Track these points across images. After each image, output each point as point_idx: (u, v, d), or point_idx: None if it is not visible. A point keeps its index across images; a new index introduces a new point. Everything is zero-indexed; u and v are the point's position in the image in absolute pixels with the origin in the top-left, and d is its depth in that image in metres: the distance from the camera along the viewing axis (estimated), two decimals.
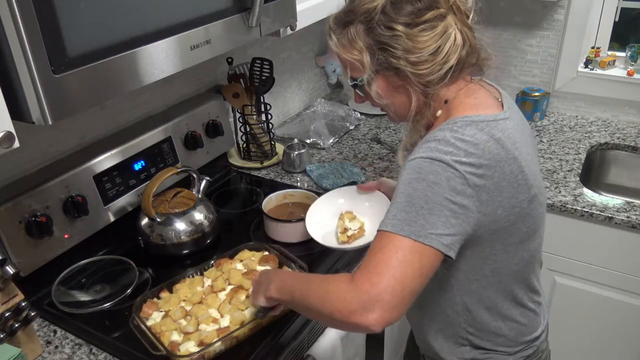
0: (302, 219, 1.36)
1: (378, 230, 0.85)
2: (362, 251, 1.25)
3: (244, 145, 1.82)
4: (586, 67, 2.07)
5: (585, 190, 1.65)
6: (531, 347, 1.06)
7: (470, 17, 0.93)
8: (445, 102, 0.94)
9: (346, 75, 0.99)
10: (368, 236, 1.26)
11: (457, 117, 0.89)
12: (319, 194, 1.48)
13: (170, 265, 1.35)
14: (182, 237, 1.35)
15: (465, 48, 0.90)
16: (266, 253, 1.28)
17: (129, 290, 1.24)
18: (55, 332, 1.17)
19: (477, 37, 0.94)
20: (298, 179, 1.74)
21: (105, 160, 1.36)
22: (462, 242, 0.86)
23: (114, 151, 1.38)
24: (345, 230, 1.28)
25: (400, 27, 0.88)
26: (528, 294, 1.04)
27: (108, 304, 1.22)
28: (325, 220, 1.34)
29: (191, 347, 1.04)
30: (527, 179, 0.90)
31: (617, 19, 2.04)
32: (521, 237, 0.94)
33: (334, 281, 0.85)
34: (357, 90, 1.00)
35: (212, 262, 1.27)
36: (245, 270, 1.23)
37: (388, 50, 0.90)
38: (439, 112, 0.95)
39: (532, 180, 0.92)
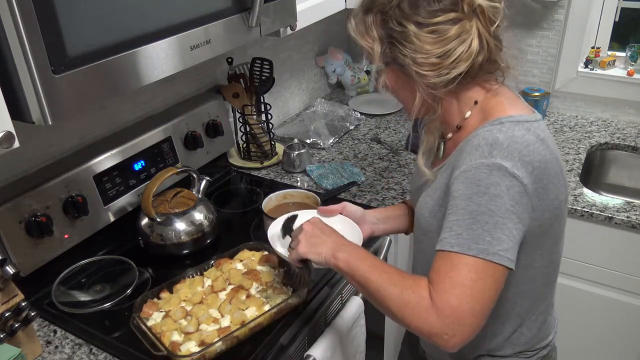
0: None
1: (441, 250, 0.83)
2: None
3: (244, 145, 1.82)
4: (586, 67, 2.07)
5: (585, 190, 1.65)
6: (547, 348, 1.07)
7: (496, 23, 0.88)
8: (476, 102, 0.92)
9: (364, 61, 0.99)
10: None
11: (501, 117, 0.87)
12: (319, 194, 1.48)
13: (170, 265, 1.35)
14: (182, 237, 1.35)
15: (482, 55, 0.87)
16: (266, 253, 1.28)
17: (129, 290, 1.24)
18: (55, 332, 1.17)
19: (504, 45, 0.91)
20: (298, 179, 1.74)
21: (105, 160, 1.36)
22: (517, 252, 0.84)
23: (114, 151, 1.38)
24: None
25: (411, 26, 0.86)
26: (552, 298, 1.03)
27: (108, 304, 1.22)
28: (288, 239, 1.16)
29: (192, 347, 1.04)
30: (565, 178, 0.91)
31: (617, 19, 2.04)
32: (555, 239, 0.94)
33: (414, 296, 0.82)
34: (371, 76, 0.99)
35: (212, 262, 1.26)
36: (245, 270, 1.23)
37: (396, 46, 0.88)
38: (468, 113, 0.93)
39: (566, 180, 0.92)
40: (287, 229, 1.11)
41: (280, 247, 1.10)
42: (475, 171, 0.82)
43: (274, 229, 1.15)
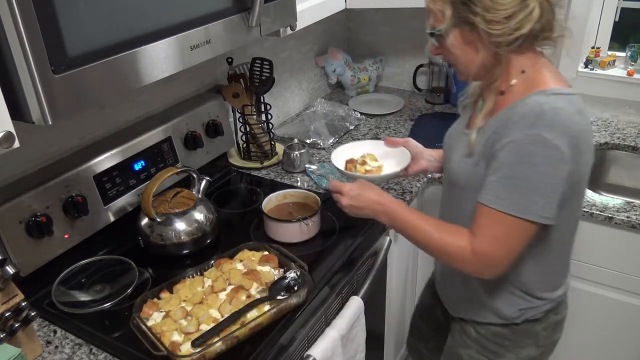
0: (302, 219, 1.37)
1: (481, 204, 1.00)
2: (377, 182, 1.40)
3: (244, 145, 1.82)
4: (586, 67, 2.07)
5: (586, 190, 1.65)
6: (559, 299, 1.19)
7: None
8: (523, 72, 1.02)
9: (428, 24, 1.06)
10: (382, 175, 1.40)
11: (546, 89, 0.98)
12: (319, 194, 1.48)
13: (170, 265, 1.35)
14: (182, 237, 1.35)
15: (541, 21, 0.97)
16: (266, 253, 1.28)
17: (129, 290, 1.24)
18: (55, 332, 1.17)
19: (558, 15, 1.01)
20: (298, 179, 1.74)
21: (105, 160, 1.36)
22: (557, 208, 0.98)
23: (114, 151, 1.38)
24: (364, 164, 1.41)
25: None
26: (570, 252, 1.17)
27: (108, 304, 1.22)
28: (350, 156, 1.46)
29: (192, 347, 1.04)
30: (593, 148, 1.05)
31: (617, 19, 2.04)
32: (580, 199, 1.09)
33: (454, 240, 1.04)
34: (433, 40, 1.07)
35: (212, 262, 1.26)
36: (245, 270, 1.23)
37: (469, 6, 0.97)
38: (514, 81, 1.02)
39: (594, 146, 1.05)
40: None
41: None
42: (520, 142, 0.95)
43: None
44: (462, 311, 1.25)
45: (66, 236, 1.28)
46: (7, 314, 1.02)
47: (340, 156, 1.44)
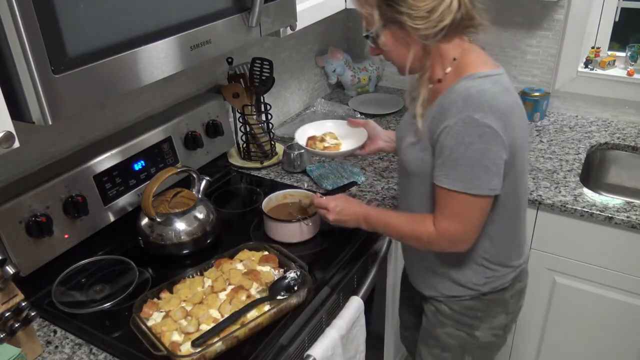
0: (302, 219, 1.37)
1: (439, 186, 1.09)
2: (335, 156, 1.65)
3: (244, 145, 1.82)
4: (586, 67, 2.07)
5: (585, 190, 1.65)
6: (520, 267, 1.28)
7: None
8: (454, 59, 1.11)
9: (363, 28, 1.15)
10: (339, 152, 1.49)
11: (473, 73, 1.07)
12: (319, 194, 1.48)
13: (170, 265, 1.35)
14: (182, 237, 1.35)
15: (460, 12, 1.05)
16: (266, 253, 1.28)
17: (129, 290, 1.24)
18: (55, 332, 1.17)
19: (476, 5, 1.10)
20: (298, 179, 1.74)
21: (105, 160, 1.36)
22: (502, 178, 1.08)
23: (114, 151, 1.38)
24: (323, 141, 1.50)
25: None
26: (521, 225, 1.26)
27: (108, 304, 1.22)
28: (313, 134, 1.55)
29: (192, 347, 1.04)
30: (526, 119, 1.14)
31: (617, 19, 2.04)
32: (521, 169, 1.16)
33: (422, 228, 1.15)
34: (369, 42, 1.15)
35: (212, 262, 1.26)
36: (245, 270, 1.23)
37: (393, 6, 1.05)
38: (449, 69, 1.11)
39: (526, 119, 1.16)
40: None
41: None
42: (454, 126, 1.04)
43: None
44: (434, 289, 1.31)
45: (66, 236, 1.28)
46: (7, 314, 1.02)
47: (303, 133, 1.53)
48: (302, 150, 1.75)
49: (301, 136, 1.52)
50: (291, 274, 1.17)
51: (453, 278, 1.25)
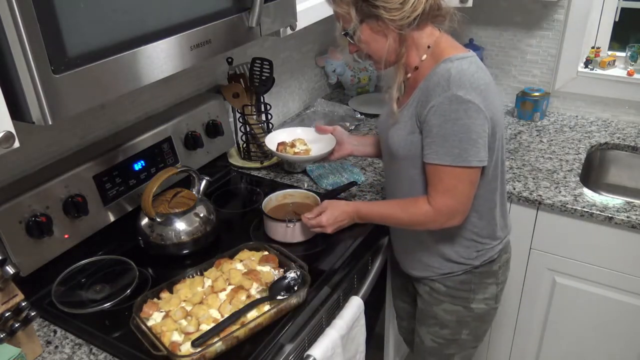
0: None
1: (429, 163, 1.16)
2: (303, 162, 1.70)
3: (244, 145, 1.82)
4: (586, 67, 2.07)
5: (585, 190, 1.65)
6: (505, 240, 1.38)
7: None
8: (428, 47, 1.19)
9: (339, 28, 1.21)
10: (309, 157, 1.51)
11: (450, 56, 1.15)
12: (319, 194, 1.48)
13: (170, 265, 1.35)
14: (182, 237, 1.35)
15: (429, 2, 1.15)
16: (266, 253, 1.28)
17: (129, 290, 1.24)
18: (55, 332, 1.17)
19: None
20: (298, 179, 1.74)
21: (105, 160, 1.36)
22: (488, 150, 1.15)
23: (114, 151, 1.38)
24: (293, 146, 1.54)
25: None
26: (502, 201, 1.33)
27: (108, 304, 1.22)
28: (283, 139, 1.59)
29: (192, 347, 1.04)
30: (501, 97, 1.23)
31: (617, 19, 2.04)
32: (502, 141, 1.24)
33: (417, 210, 1.20)
34: (348, 39, 1.21)
35: (213, 262, 1.26)
36: (245, 270, 1.23)
37: (369, 2, 1.12)
38: (424, 56, 1.19)
39: (501, 95, 1.22)
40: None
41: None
42: (440, 105, 1.12)
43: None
44: (427, 269, 1.36)
45: (66, 236, 1.28)
46: (7, 314, 1.02)
47: (273, 139, 1.57)
48: None
49: (271, 141, 1.56)
50: (291, 274, 1.17)
51: (445, 256, 1.32)
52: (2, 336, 1.00)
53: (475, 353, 1.52)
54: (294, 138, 1.57)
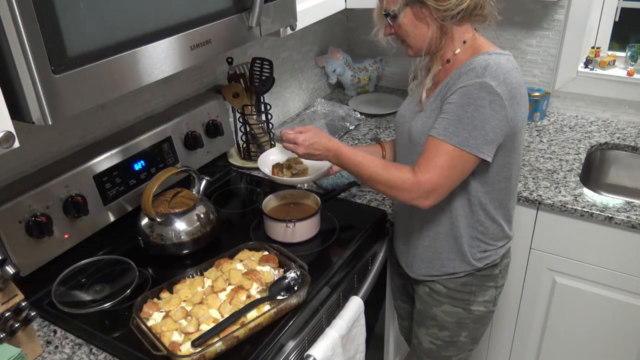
0: (302, 219, 1.37)
1: (433, 137, 1.14)
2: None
3: (244, 145, 1.82)
4: (586, 67, 2.07)
5: (585, 190, 1.65)
6: (508, 244, 1.37)
7: None
8: (464, 42, 1.20)
9: (380, 8, 1.22)
10: (309, 177, 1.42)
11: (489, 50, 1.18)
12: (319, 194, 1.48)
13: (170, 265, 1.35)
14: (182, 237, 1.35)
15: (474, 0, 1.16)
16: (266, 253, 1.28)
17: (129, 290, 1.24)
18: (55, 332, 1.17)
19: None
20: None
21: (105, 160, 1.36)
22: (496, 149, 1.15)
23: (114, 151, 1.38)
24: (290, 167, 1.45)
25: None
26: (511, 205, 1.33)
27: (108, 304, 1.22)
28: (276, 161, 1.48)
29: (192, 347, 1.04)
30: (528, 101, 1.22)
31: (617, 19, 2.04)
32: (519, 149, 1.24)
33: (399, 173, 1.17)
34: (388, 20, 1.21)
35: (213, 261, 1.26)
36: (245, 270, 1.23)
37: None
38: (458, 50, 1.20)
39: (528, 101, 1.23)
40: None
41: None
42: (470, 87, 1.11)
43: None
44: (428, 268, 1.36)
45: (66, 236, 1.28)
46: (7, 314, 1.02)
47: (266, 161, 1.46)
48: None
49: (264, 164, 1.44)
50: (291, 274, 1.17)
51: (450, 253, 1.31)
52: (2, 336, 1.00)
53: (471, 356, 1.52)
54: (287, 157, 1.47)
